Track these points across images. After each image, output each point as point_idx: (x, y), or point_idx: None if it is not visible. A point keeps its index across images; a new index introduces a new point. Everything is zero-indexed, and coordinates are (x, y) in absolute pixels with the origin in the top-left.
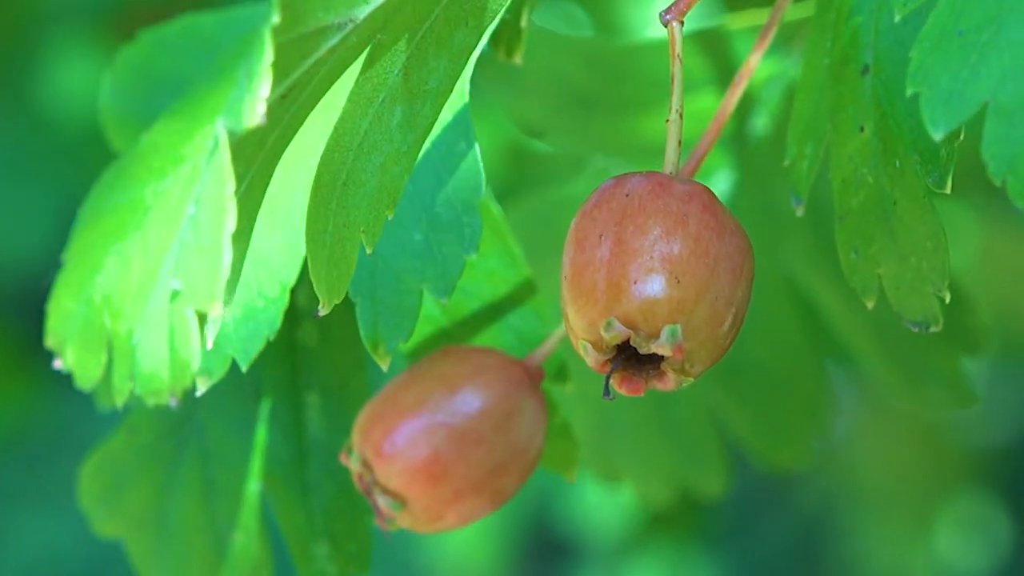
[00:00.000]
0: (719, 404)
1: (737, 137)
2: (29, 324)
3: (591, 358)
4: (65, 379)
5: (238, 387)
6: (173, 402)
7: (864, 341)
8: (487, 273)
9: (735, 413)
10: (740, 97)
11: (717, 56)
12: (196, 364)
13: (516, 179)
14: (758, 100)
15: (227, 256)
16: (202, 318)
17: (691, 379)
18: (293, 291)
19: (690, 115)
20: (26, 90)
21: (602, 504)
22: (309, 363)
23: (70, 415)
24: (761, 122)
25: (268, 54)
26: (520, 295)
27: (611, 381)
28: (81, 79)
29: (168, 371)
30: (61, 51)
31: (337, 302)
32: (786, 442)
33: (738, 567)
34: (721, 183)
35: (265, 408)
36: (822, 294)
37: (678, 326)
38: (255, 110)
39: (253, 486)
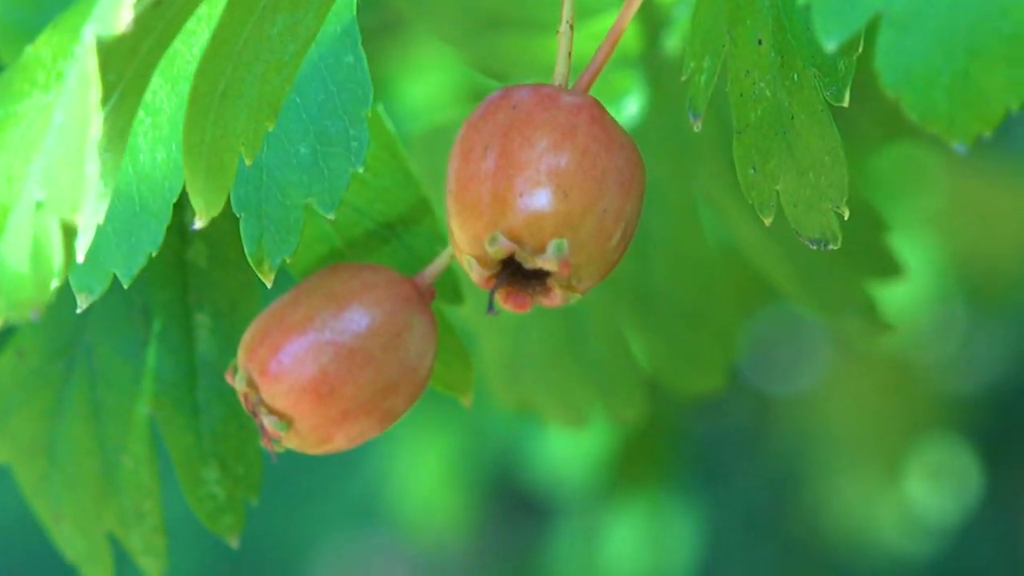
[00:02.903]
0: (629, 330)
1: (647, 59)
2: None
3: (475, 273)
4: None
5: (127, 308)
6: (35, 315)
7: (778, 268)
8: (380, 191)
9: (645, 339)
10: (650, 18)
11: None
12: (59, 276)
13: None
14: (669, 20)
15: (91, 165)
16: (67, 229)
17: (578, 295)
18: (182, 208)
19: (594, 36)
20: None
21: (572, 453)
22: (199, 283)
23: None
24: (672, 43)
25: None
26: (415, 214)
27: (496, 297)
28: None
29: (31, 283)
30: None
31: (214, 215)
32: (697, 369)
33: (711, 514)
34: (630, 107)
35: (155, 329)
36: (736, 221)
37: (564, 240)
38: (121, 16)
39: (142, 409)
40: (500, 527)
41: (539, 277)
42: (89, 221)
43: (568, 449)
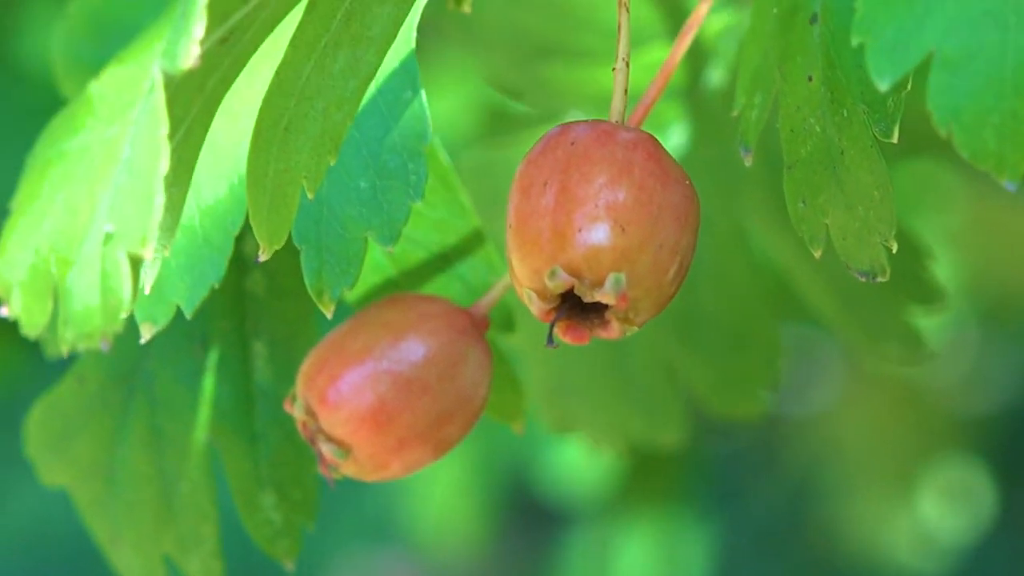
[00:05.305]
0: (674, 355)
1: (692, 90)
2: None
3: (535, 307)
4: None
5: (186, 336)
6: (104, 345)
7: (821, 295)
8: (435, 222)
9: (689, 365)
10: (695, 50)
11: (670, 8)
12: (127, 307)
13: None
14: (713, 52)
15: (159, 198)
16: (135, 261)
17: (635, 328)
18: (241, 240)
19: (642, 67)
20: (5, 46)
21: (586, 468)
22: (257, 312)
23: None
24: (716, 75)
25: None
26: (468, 244)
27: (555, 330)
28: None
29: (100, 314)
30: (41, 7)
31: (278, 247)
32: (740, 394)
33: (724, 532)
34: (675, 137)
35: (213, 357)
36: (778, 249)
37: (622, 274)
38: (190, 52)
39: (200, 436)
40: (514, 542)
41: (597, 310)
42: (156, 254)
43: (582, 464)
